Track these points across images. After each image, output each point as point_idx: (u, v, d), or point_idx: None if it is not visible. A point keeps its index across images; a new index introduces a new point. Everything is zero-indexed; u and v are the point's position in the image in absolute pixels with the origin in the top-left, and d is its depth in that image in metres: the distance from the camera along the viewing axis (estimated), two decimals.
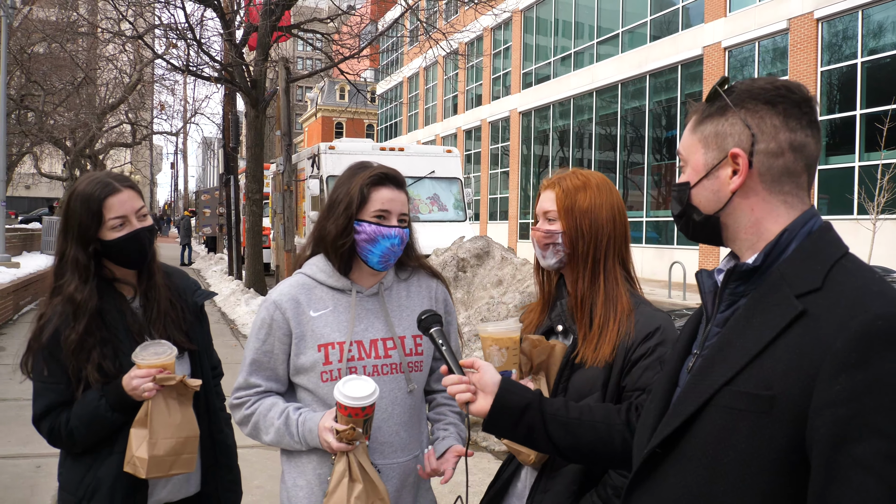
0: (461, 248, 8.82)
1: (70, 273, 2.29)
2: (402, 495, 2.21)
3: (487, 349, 1.97)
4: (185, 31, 14.87)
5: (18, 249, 20.81)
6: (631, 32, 24.98)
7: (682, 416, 1.28)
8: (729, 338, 1.27)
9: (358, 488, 1.97)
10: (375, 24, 34.90)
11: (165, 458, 2.23)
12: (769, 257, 1.29)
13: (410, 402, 2.23)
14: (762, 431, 1.16)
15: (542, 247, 2.11)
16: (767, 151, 1.28)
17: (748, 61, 20.11)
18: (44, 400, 2.31)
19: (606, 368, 1.97)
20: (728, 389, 1.22)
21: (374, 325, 2.21)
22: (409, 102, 44.76)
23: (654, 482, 1.34)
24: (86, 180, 2.36)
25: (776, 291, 1.23)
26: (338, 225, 2.17)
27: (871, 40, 17.30)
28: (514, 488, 2.16)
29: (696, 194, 1.37)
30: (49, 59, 25.19)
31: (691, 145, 1.39)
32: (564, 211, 2.07)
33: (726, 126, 1.32)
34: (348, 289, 2.22)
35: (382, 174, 2.19)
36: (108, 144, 34.46)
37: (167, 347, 2.25)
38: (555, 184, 2.12)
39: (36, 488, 5.17)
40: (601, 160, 26.60)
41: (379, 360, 2.18)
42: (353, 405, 1.93)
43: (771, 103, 1.29)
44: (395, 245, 2.16)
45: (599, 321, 2.01)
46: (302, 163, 15.88)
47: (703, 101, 1.39)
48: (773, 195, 1.30)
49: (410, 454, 2.23)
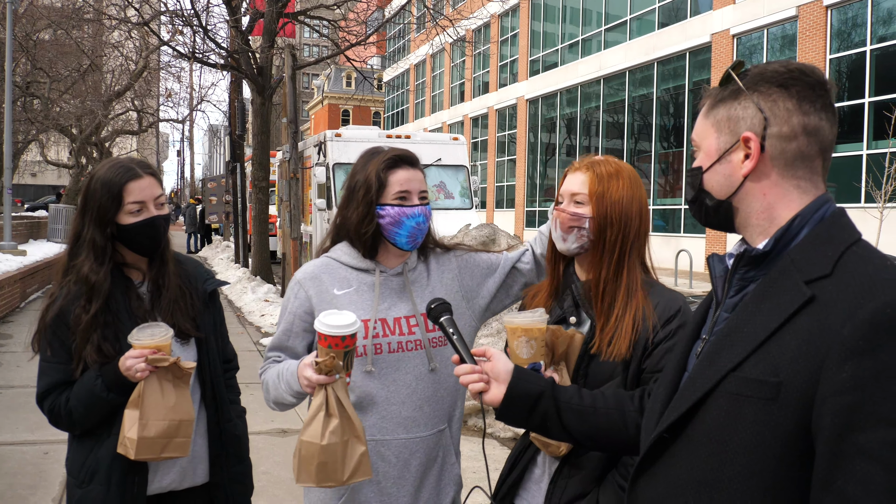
0: (467, 236, 8.81)
1: (86, 254, 2.30)
2: (427, 469, 2.24)
3: (516, 340, 1.89)
4: (191, 17, 14.85)
5: (24, 237, 20.86)
6: (639, 19, 24.83)
7: (688, 402, 1.27)
8: (737, 323, 1.26)
9: (334, 423, 1.94)
10: (382, 11, 34.78)
11: (156, 440, 2.21)
12: (780, 243, 1.27)
13: (434, 378, 2.24)
14: (768, 418, 1.15)
15: (564, 229, 2.04)
16: (780, 135, 1.27)
17: (757, 49, 19.98)
18: (47, 379, 2.32)
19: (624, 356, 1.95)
20: (735, 375, 1.21)
21: (397, 304, 2.24)
22: (416, 90, 44.64)
23: (661, 467, 1.33)
24: (108, 164, 2.39)
25: (785, 277, 1.22)
26: (359, 213, 2.20)
27: (881, 28, 17.16)
28: (530, 474, 2.14)
29: (709, 179, 1.36)
30: (55, 45, 25.16)
31: (704, 130, 1.37)
32: (596, 196, 2.00)
33: (739, 110, 1.30)
34: (372, 269, 2.25)
35: (396, 156, 2.23)
36: (114, 132, 34.44)
37: (163, 329, 2.23)
38: (588, 167, 2.05)
39: (44, 474, 5.20)
40: (608, 148, 26.50)
41: (403, 337, 2.21)
42: (333, 333, 1.89)
43: (784, 86, 1.27)
44: (421, 223, 2.20)
45: (617, 314, 1.97)
46: (308, 150, 15.85)
47: (717, 86, 1.37)
48: (785, 180, 1.29)
49: (434, 428, 2.25)
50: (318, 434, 1.93)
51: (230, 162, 20.28)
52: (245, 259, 19.13)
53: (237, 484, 2.54)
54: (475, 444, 5.65)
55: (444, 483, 2.29)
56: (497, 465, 2.28)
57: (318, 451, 1.93)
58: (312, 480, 1.96)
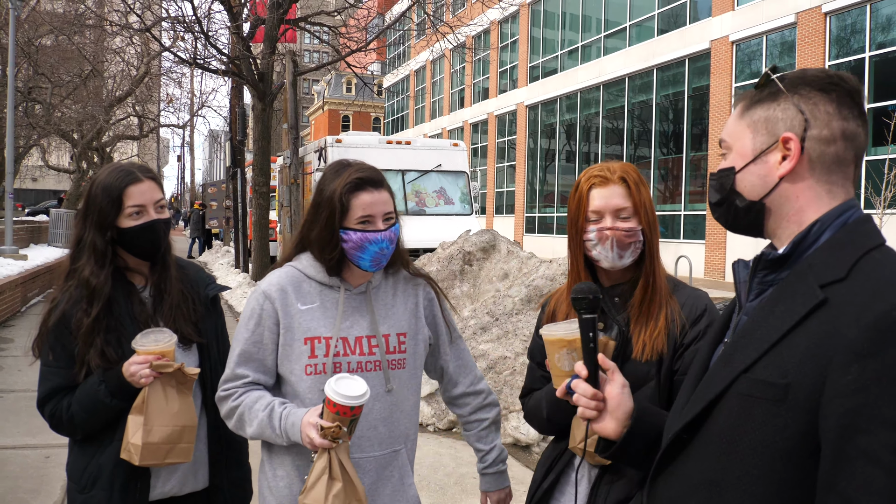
0: (467, 242, 8.83)
1: (87, 257, 2.32)
2: (379, 487, 2.20)
3: (558, 353, 1.83)
4: (193, 23, 14.88)
5: (26, 242, 20.89)
6: (638, 26, 24.88)
7: (702, 402, 1.28)
8: (752, 326, 1.27)
9: (337, 486, 1.96)
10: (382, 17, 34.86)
11: (161, 446, 2.21)
12: (799, 247, 1.27)
13: (390, 399, 2.21)
14: (776, 419, 1.16)
15: (621, 247, 2.00)
16: (820, 138, 1.26)
17: (756, 55, 20.01)
18: (48, 384, 2.32)
19: (658, 358, 1.98)
20: (746, 377, 1.21)
21: (359, 323, 2.21)
22: (416, 96, 44.66)
23: (677, 466, 1.34)
24: (109, 168, 2.41)
25: (801, 281, 1.22)
26: (322, 236, 2.17)
27: (879, 34, 17.20)
28: (566, 477, 2.13)
29: (741, 179, 1.35)
30: (57, 51, 25.17)
31: (738, 131, 1.36)
32: (641, 207, 2.02)
33: (778, 111, 1.30)
34: (337, 286, 2.22)
35: (358, 179, 2.15)
36: (115, 137, 34.47)
37: (167, 335, 2.24)
38: (619, 179, 2.03)
39: (45, 478, 5.21)
40: (607, 154, 26.54)
41: (363, 357, 2.18)
42: (344, 403, 1.91)
43: (825, 91, 1.27)
44: (385, 248, 2.16)
45: (661, 314, 2.00)
46: (309, 156, 15.88)
47: (753, 88, 1.36)
48: (819, 184, 1.28)
49: (388, 448, 2.21)
50: (321, 498, 1.95)
51: (231, 167, 20.31)
52: (245, 264, 19.13)
53: (237, 489, 2.54)
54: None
55: (401, 502, 2.24)
56: None
57: None
58: None
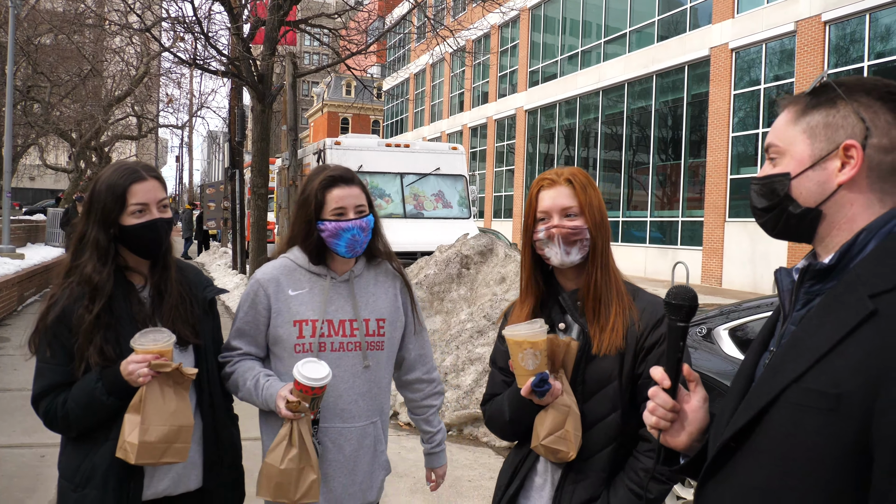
0: (465, 245, 8.84)
1: (89, 254, 2.32)
2: (360, 455, 2.54)
3: (521, 352, 1.95)
4: (193, 24, 14.87)
5: (23, 241, 20.87)
6: (638, 32, 24.94)
7: (752, 411, 1.28)
8: (801, 336, 1.27)
9: (293, 451, 2.29)
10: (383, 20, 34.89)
11: (157, 445, 2.22)
12: (845, 257, 1.28)
13: (368, 376, 2.55)
14: (828, 429, 1.16)
15: (568, 244, 2.09)
16: (879, 146, 1.27)
17: (755, 63, 20.05)
18: (44, 380, 2.31)
19: (618, 357, 2.04)
20: (797, 386, 1.22)
21: (343, 308, 2.54)
22: (416, 99, 44.72)
23: (726, 473, 1.35)
24: (114, 166, 2.43)
25: (850, 291, 1.22)
26: (301, 228, 2.51)
27: (879, 43, 17.26)
28: (531, 483, 2.18)
29: (798, 185, 1.34)
30: (56, 50, 25.15)
31: (792, 136, 1.36)
32: (587, 206, 2.11)
33: (838, 118, 1.30)
34: (324, 274, 2.55)
35: (331, 177, 2.49)
36: (113, 137, 34.45)
37: (166, 335, 2.25)
38: (566, 181, 2.13)
39: (40, 477, 5.21)
40: (606, 159, 26.58)
41: (345, 339, 2.52)
42: (306, 384, 2.22)
43: (883, 100, 1.27)
44: (357, 234, 2.47)
45: (614, 310, 2.07)
46: (307, 158, 15.89)
47: (805, 94, 1.36)
48: (873, 192, 1.28)
49: (368, 420, 2.56)
50: (278, 459, 2.30)
51: (229, 168, 20.31)
52: (242, 265, 19.13)
53: (230, 490, 2.55)
54: (471, 453, 5.68)
55: (376, 467, 2.61)
56: (493, 474, 2.29)
57: (276, 473, 2.30)
58: (269, 496, 2.32)
